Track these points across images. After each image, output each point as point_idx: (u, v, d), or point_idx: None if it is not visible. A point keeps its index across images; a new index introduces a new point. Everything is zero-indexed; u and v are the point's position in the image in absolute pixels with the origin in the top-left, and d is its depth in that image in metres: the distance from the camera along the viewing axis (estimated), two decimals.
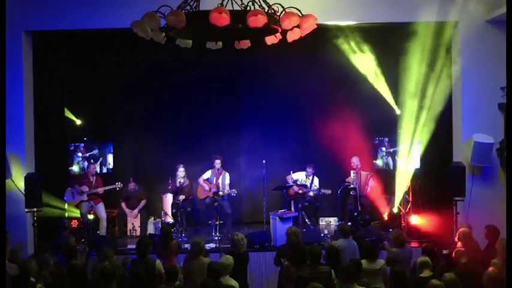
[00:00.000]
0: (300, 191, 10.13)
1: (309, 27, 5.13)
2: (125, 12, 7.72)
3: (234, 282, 5.85)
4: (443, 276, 5.35)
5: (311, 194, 10.09)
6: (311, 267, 5.88)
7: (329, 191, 9.92)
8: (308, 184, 10.16)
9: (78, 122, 10.60)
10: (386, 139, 10.44)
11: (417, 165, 9.75)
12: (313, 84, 10.69)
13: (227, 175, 9.99)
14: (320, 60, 10.40)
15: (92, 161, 10.44)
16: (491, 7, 8.47)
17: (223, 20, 4.64)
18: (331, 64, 10.33)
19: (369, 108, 10.34)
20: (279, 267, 6.82)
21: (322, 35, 8.66)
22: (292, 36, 5.32)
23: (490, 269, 5.63)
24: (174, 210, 9.89)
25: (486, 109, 8.71)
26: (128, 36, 6.19)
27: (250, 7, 5.07)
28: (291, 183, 10.22)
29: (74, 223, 9.70)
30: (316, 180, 10.18)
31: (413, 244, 8.71)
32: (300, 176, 10.27)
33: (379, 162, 10.54)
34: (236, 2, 5.16)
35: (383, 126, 10.57)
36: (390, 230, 9.43)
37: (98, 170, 10.38)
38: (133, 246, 7.65)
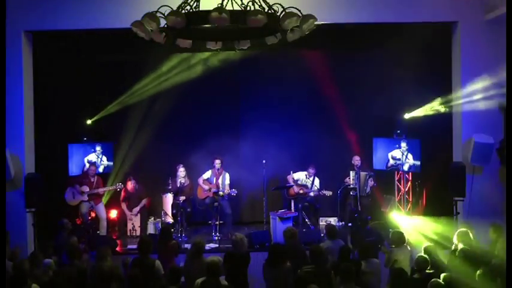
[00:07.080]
0: (301, 191, 10.12)
1: (308, 27, 5.13)
2: (124, 12, 7.73)
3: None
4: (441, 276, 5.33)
5: (311, 194, 10.08)
6: (312, 266, 5.89)
7: (330, 193, 9.89)
8: (309, 184, 10.15)
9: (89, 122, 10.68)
10: (386, 139, 10.43)
11: (417, 165, 9.74)
12: (314, 84, 10.67)
13: (227, 175, 9.97)
14: (320, 59, 10.40)
15: (92, 161, 10.43)
16: (491, 7, 8.47)
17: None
18: (331, 64, 10.35)
19: (369, 108, 10.32)
20: None
21: (323, 35, 8.65)
22: (292, 36, 5.32)
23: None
24: (174, 211, 9.88)
25: (486, 109, 8.71)
26: (127, 36, 6.19)
27: (250, 7, 5.07)
28: (292, 183, 10.21)
29: (78, 221, 9.74)
30: (317, 181, 10.17)
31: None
32: (300, 176, 10.25)
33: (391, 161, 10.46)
34: (236, 2, 5.16)
35: (383, 126, 10.57)
36: (390, 230, 9.43)
37: (101, 169, 10.43)
38: (134, 246, 7.67)
